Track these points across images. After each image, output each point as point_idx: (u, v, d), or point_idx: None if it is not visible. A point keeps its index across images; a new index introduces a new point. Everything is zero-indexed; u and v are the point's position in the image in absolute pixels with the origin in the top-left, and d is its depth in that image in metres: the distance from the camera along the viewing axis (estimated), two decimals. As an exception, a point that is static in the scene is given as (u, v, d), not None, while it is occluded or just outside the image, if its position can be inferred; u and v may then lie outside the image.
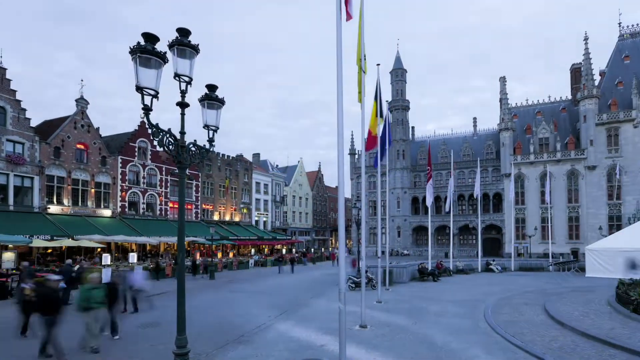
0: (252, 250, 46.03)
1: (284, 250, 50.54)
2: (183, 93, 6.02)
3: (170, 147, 5.97)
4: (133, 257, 27.55)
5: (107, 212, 32.68)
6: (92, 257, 26.74)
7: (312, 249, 59.96)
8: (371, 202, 60.78)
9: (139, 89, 5.37)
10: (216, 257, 37.16)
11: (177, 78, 5.92)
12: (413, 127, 64.74)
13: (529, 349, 8.89)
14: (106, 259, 23.67)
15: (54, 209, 28.60)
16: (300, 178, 66.98)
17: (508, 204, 49.17)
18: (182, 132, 6.13)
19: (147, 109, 5.45)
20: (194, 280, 24.80)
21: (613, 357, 8.31)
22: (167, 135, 5.91)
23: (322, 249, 65.05)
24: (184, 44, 5.82)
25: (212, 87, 6.59)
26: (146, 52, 5.31)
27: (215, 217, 44.90)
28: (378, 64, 15.19)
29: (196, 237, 35.71)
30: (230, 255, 42.05)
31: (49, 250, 27.88)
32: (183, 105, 6.04)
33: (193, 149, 6.39)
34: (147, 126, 5.84)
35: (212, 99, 6.53)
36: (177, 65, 5.87)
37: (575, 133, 50.17)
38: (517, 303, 14.96)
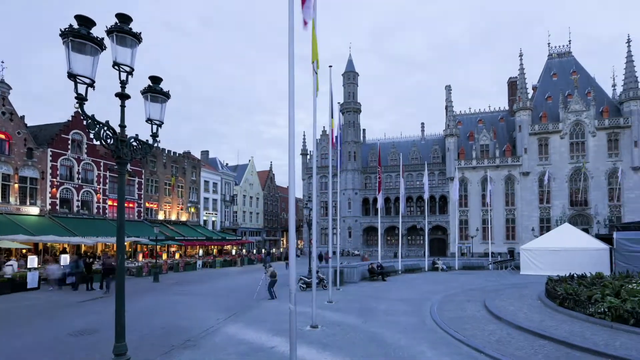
0: (200, 251, 44.47)
1: (233, 251, 49.35)
2: (123, 84, 5.60)
3: (109, 141, 5.52)
4: (65, 259, 25.34)
5: (34, 210, 29.90)
6: (18, 258, 24.30)
7: (263, 250, 59.13)
8: (322, 202, 61.23)
9: (72, 76, 4.91)
10: (161, 258, 35.44)
11: (116, 67, 5.48)
12: (364, 130, 66.14)
13: (470, 343, 9.36)
14: (32, 261, 21.51)
15: (-33, 205, 25.64)
16: (251, 177, 65.88)
17: (453, 206, 51.84)
18: (122, 126, 5.70)
19: (81, 99, 4.99)
20: (135, 283, 23.42)
21: (542, 347, 8.98)
22: (105, 128, 5.45)
23: (274, 249, 64.40)
24: (124, 31, 5.39)
25: (156, 79, 6.20)
26: (80, 36, 4.86)
27: (160, 217, 42.81)
28: (330, 66, 15.29)
29: (139, 237, 33.80)
30: (177, 256, 40.34)
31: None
32: (123, 96, 5.62)
33: (135, 143, 5.97)
34: (82, 117, 5.34)
35: (155, 91, 6.15)
36: (116, 53, 5.42)
37: (511, 141, 54.03)
38: (460, 300, 15.72)
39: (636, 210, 47.24)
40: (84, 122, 5.45)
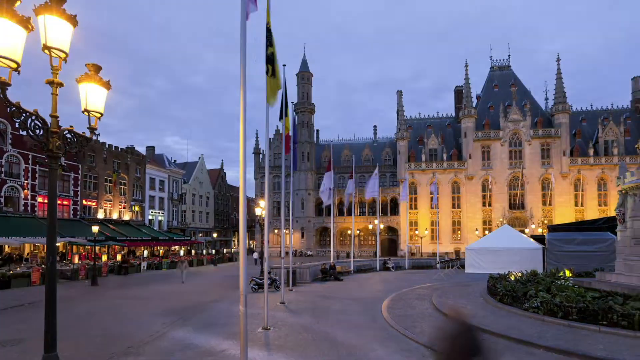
0: (145, 252, 42.20)
1: (181, 252, 47.41)
2: (55, 70, 5.05)
3: (37, 132, 4.97)
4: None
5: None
6: None
7: (213, 250, 57.32)
8: (275, 202, 60.75)
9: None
10: (100, 260, 33.16)
11: (47, 51, 4.92)
12: (318, 130, 66.31)
13: (419, 339, 9.64)
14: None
15: None
16: (201, 175, 63.68)
17: (403, 208, 53.60)
18: (54, 116, 5.16)
19: (3, 84, 4.42)
20: (70, 287, 21.69)
21: (484, 340, 9.43)
22: (33, 118, 4.90)
23: (225, 249, 62.77)
24: (57, 11, 4.86)
25: (95, 68, 5.70)
26: (-1, 11, 4.25)
27: (100, 215, 40.03)
28: (284, 65, 15.15)
29: (74, 237, 31.37)
30: (119, 257, 38.00)
31: None
32: (55, 84, 5.07)
33: (69, 136, 5.42)
34: (5, 104, 4.72)
35: (95, 80, 5.64)
36: (46, 35, 4.86)
37: (458, 146, 56.96)
38: (410, 298, 16.21)
39: (565, 213, 51.74)
40: (9, 110, 4.85)
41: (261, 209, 22.10)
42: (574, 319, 10.50)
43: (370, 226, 55.71)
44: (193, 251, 52.03)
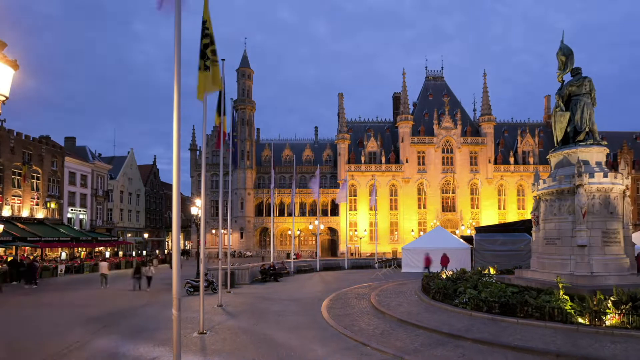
0: (63, 254, 38.20)
1: (107, 253, 43.76)
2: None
3: None
4: None
5: None
6: None
7: (144, 251, 53.72)
8: (213, 202, 58.72)
9: None
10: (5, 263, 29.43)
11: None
12: (259, 129, 65.15)
13: (358, 338, 9.83)
14: None
15: None
16: (131, 171, 59.21)
17: (343, 209, 54.62)
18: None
19: None
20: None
21: (418, 336, 9.92)
22: None
23: (157, 250, 59.26)
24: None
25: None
26: None
27: (6, 213, 35.27)
28: (223, 59, 14.66)
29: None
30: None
31: None
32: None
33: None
34: None
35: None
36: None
37: (396, 150, 59.37)
38: (349, 297, 16.49)
39: (490, 215, 56.32)
40: None
41: (197, 208, 21.04)
42: (497, 312, 11.36)
43: (311, 227, 56.05)
44: (121, 252, 48.33)
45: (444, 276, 16.29)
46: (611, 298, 10.25)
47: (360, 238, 52.70)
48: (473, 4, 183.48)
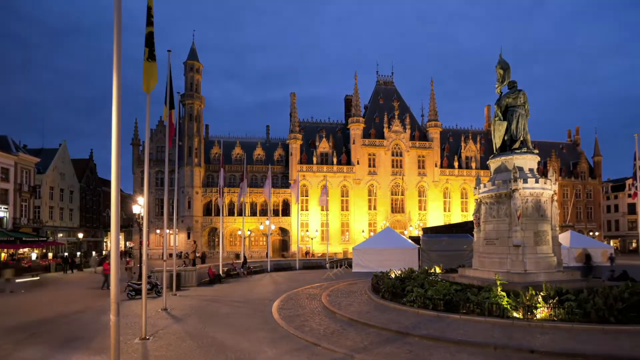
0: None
1: (33, 255, 39.80)
2: None
3: None
4: None
5: None
6: None
7: (79, 253, 49.62)
8: (158, 200, 56.02)
9: None
10: None
11: None
12: (207, 125, 62.67)
13: (309, 338, 9.81)
14: None
15: None
16: (63, 165, 54.08)
17: (294, 209, 54.49)
18: None
19: None
20: None
21: (368, 334, 10.10)
22: None
23: (94, 252, 55.17)
24: None
25: None
26: None
27: None
28: (169, 50, 14.09)
29: None
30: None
31: None
32: None
33: None
34: None
35: None
36: None
37: (347, 152, 60.29)
38: (301, 298, 16.43)
39: (437, 216, 59.05)
40: None
41: (140, 206, 19.81)
42: (442, 309, 11.87)
43: (262, 227, 55.32)
44: (50, 254, 44.26)
45: (393, 276, 16.76)
46: (541, 293, 11.10)
47: (312, 238, 52.90)
48: (428, 17, 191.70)
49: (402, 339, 9.56)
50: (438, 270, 18.37)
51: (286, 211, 58.34)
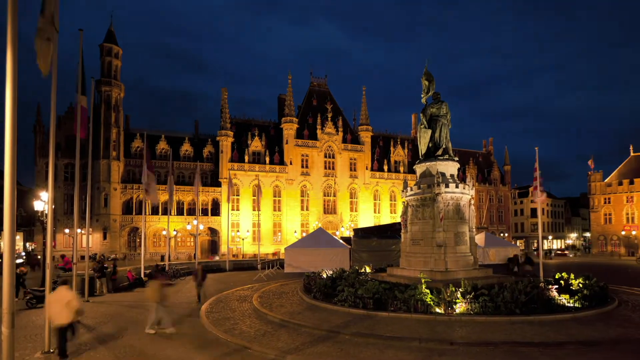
0: None
1: None
2: None
3: None
4: None
5: None
6: None
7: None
8: (67, 196, 50.65)
9: None
10: None
11: None
12: (128, 116, 57.91)
13: (239, 341, 9.51)
14: None
15: None
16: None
17: (225, 208, 52.79)
18: None
19: None
20: None
21: (300, 335, 10.10)
22: None
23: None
24: None
25: None
26: None
27: None
28: (81, 29, 12.82)
29: None
30: None
31: None
32: None
33: None
34: None
35: None
36: None
37: (280, 152, 59.83)
38: (230, 300, 15.87)
39: (367, 218, 61.16)
40: None
41: (43, 202, 17.50)
42: (371, 308, 12.24)
43: (189, 227, 52.63)
44: None
45: (324, 276, 16.93)
46: (460, 290, 11.98)
47: (243, 239, 51.65)
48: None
49: (334, 338, 9.66)
50: (368, 269, 18.96)
51: (216, 211, 56.27)
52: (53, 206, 10.19)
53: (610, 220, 66.78)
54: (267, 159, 57.18)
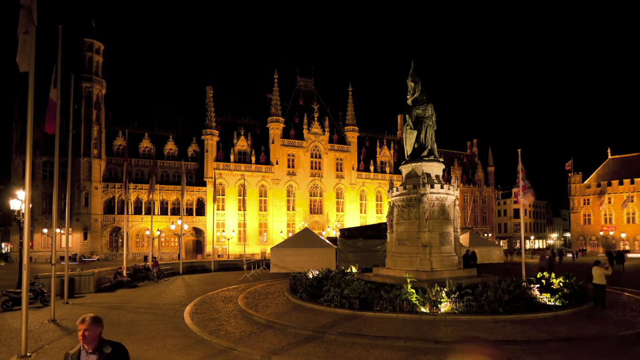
0: None
1: None
2: None
3: None
4: None
5: None
6: None
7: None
8: (45, 194, 49.29)
9: None
10: None
11: None
12: (110, 114, 56.37)
13: (224, 342, 9.41)
14: None
15: None
16: None
17: (210, 208, 52.18)
18: None
19: None
20: None
21: (286, 335, 10.04)
22: None
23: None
24: None
25: None
26: None
27: None
28: (61, 24, 12.51)
29: None
30: None
31: None
32: None
33: None
34: None
35: None
36: None
37: (266, 151, 59.50)
38: (216, 301, 15.67)
39: (353, 218, 61.33)
40: None
41: (20, 201, 16.93)
42: (357, 307, 12.27)
43: (173, 226, 51.83)
44: None
45: (310, 276, 16.89)
46: (445, 289, 12.10)
47: (229, 239, 51.11)
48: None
49: (320, 338, 9.64)
50: (354, 269, 18.98)
51: (201, 210, 55.62)
52: (30, 205, 9.89)
53: (590, 221, 68.70)
54: (253, 159, 56.81)
